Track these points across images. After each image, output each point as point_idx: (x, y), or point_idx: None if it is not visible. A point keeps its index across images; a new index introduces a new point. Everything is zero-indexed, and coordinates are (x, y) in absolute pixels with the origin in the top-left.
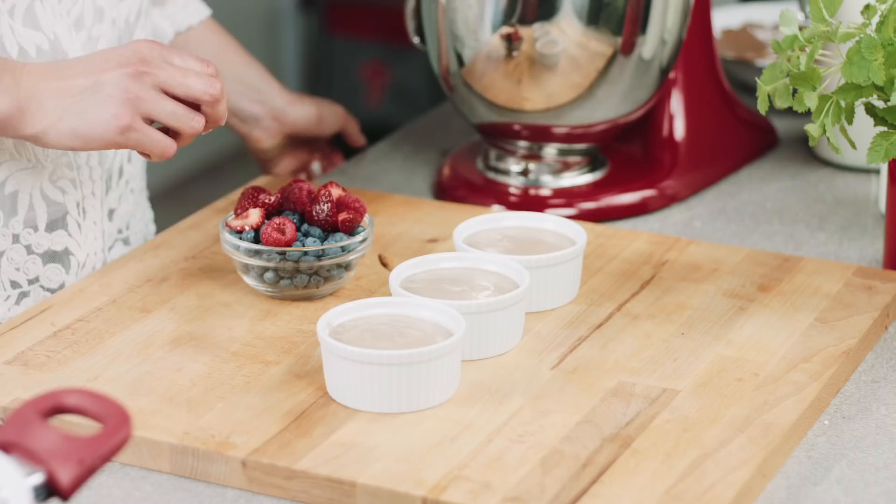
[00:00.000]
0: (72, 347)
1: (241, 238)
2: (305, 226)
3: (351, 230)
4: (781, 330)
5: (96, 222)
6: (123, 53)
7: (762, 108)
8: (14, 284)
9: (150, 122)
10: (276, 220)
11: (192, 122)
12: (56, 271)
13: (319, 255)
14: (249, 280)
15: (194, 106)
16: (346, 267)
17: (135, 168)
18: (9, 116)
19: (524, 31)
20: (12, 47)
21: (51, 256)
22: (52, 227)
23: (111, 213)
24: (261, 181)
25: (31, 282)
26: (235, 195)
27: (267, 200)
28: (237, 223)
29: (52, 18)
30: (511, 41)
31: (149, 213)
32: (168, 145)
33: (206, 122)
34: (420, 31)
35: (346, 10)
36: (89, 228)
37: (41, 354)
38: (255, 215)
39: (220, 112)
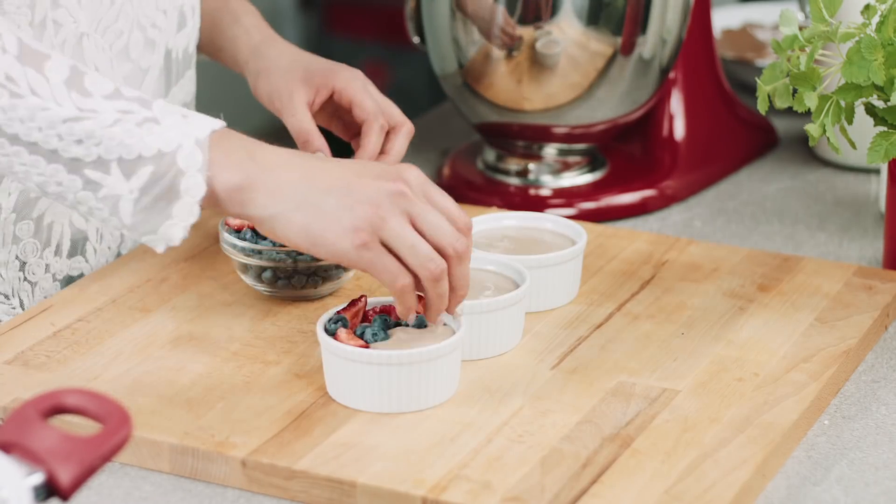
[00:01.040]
0: (72, 347)
1: (239, 237)
2: None
3: None
4: (781, 330)
5: (111, 247)
6: (385, 168)
7: (762, 108)
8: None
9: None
10: None
11: (430, 265)
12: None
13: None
14: (248, 279)
15: None
16: (345, 267)
17: None
18: (236, 190)
19: (524, 32)
20: None
21: (67, 281)
22: (72, 252)
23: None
24: None
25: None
26: None
27: None
28: (237, 221)
29: (95, 52)
30: (511, 41)
31: None
32: (401, 277)
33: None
34: (420, 31)
35: (346, 9)
36: (103, 252)
37: (41, 354)
38: None
39: (459, 274)
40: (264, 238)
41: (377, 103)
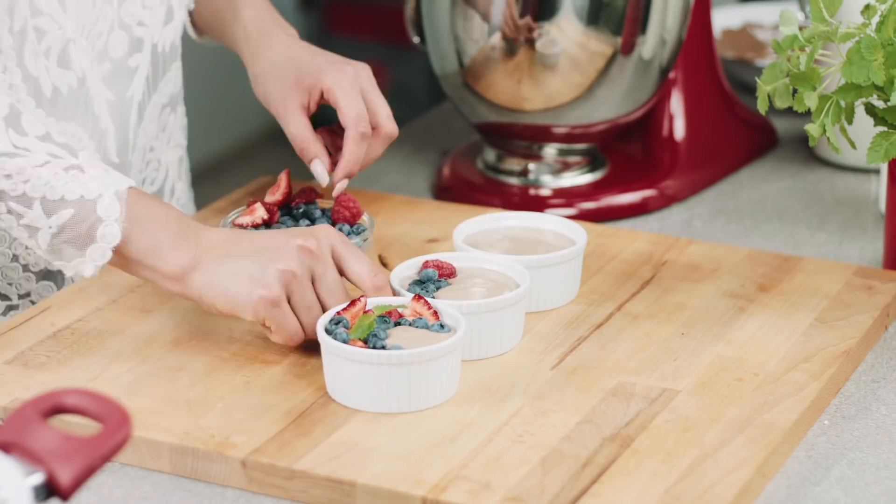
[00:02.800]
0: (72, 347)
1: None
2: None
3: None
4: (781, 330)
5: None
6: (304, 230)
7: (762, 108)
8: (3, 297)
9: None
10: (343, 197)
11: (310, 333)
12: (47, 288)
13: None
14: None
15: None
16: None
17: (185, 184)
18: (183, 272)
19: (524, 32)
20: (47, 88)
21: (44, 275)
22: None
23: None
24: (262, 181)
25: (21, 296)
26: (235, 195)
27: (271, 200)
28: (245, 219)
29: (80, 56)
30: (511, 41)
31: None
32: (297, 337)
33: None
34: (420, 31)
35: (346, 9)
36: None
37: (41, 354)
38: (261, 210)
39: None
40: None
41: (359, 106)
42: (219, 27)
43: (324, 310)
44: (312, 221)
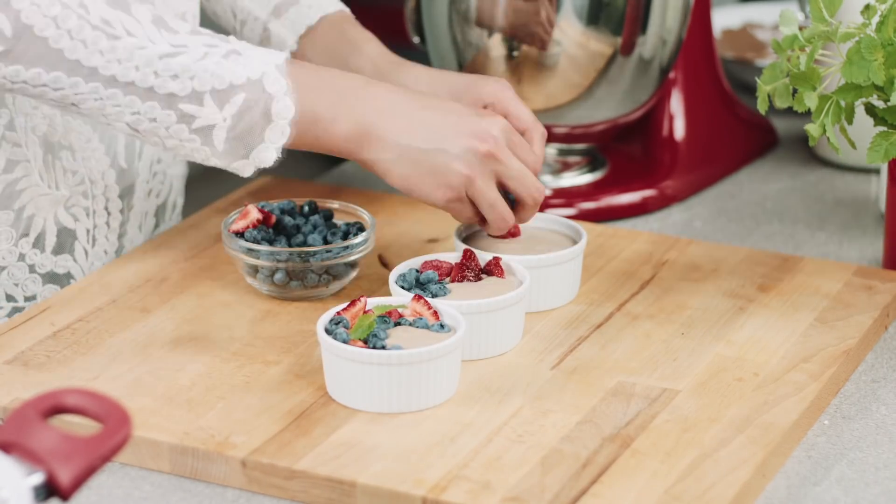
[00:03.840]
0: (72, 347)
1: (244, 238)
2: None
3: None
4: (781, 330)
5: (107, 251)
6: (478, 124)
7: (762, 108)
8: (10, 298)
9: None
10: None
11: (501, 224)
12: (53, 291)
13: (329, 252)
14: (256, 282)
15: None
16: (353, 265)
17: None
18: (350, 140)
19: (524, 31)
20: None
21: (51, 277)
22: (58, 250)
23: (130, 237)
24: (262, 181)
25: (27, 298)
26: (235, 195)
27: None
28: (241, 224)
29: None
30: (511, 41)
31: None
32: (474, 223)
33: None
34: (420, 31)
35: None
36: (97, 255)
37: (41, 354)
38: (254, 212)
39: (527, 216)
40: (270, 241)
41: (528, 110)
42: (335, 64)
43: (514, 198)
44: (314, 227)
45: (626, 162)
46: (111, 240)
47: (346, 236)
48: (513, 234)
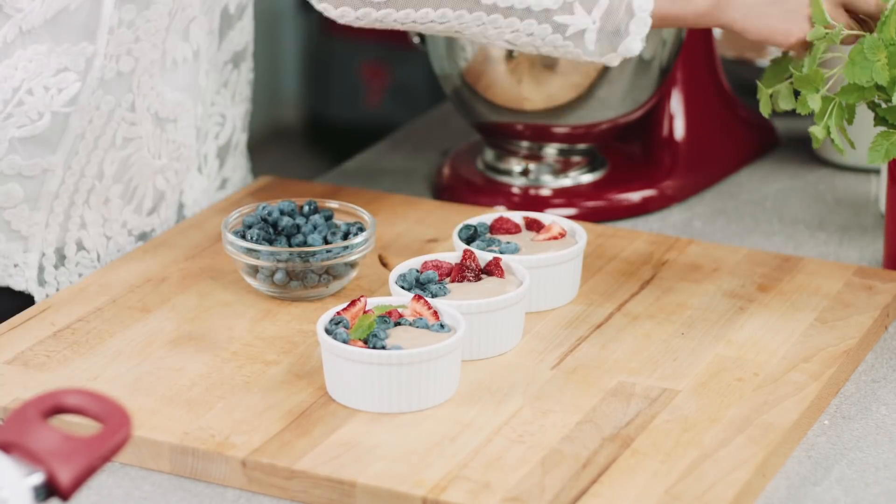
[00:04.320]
0: (72, 347)
1: (245, 239)
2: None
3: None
4: (781, 330)
5: (177, 202)
6: None
7: (765, 111)
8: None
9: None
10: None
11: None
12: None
13: (329, 252)
14: (256, 282)
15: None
16: (353, 265)
17: (245, 139)
18: (706, 14)
19: None
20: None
21: (140, 236)
22: (151, 211)
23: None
24: (262, 181)
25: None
26: (237, 195)
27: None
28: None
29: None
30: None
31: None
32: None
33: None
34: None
35: None
36: (170, 207)
37: (41, 354)
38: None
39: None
40: (270, 241)
41: None
42: None
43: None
44: (315, 227)
45: (626, 162)
46: (174, 197)
47: (346, 236)
48: None
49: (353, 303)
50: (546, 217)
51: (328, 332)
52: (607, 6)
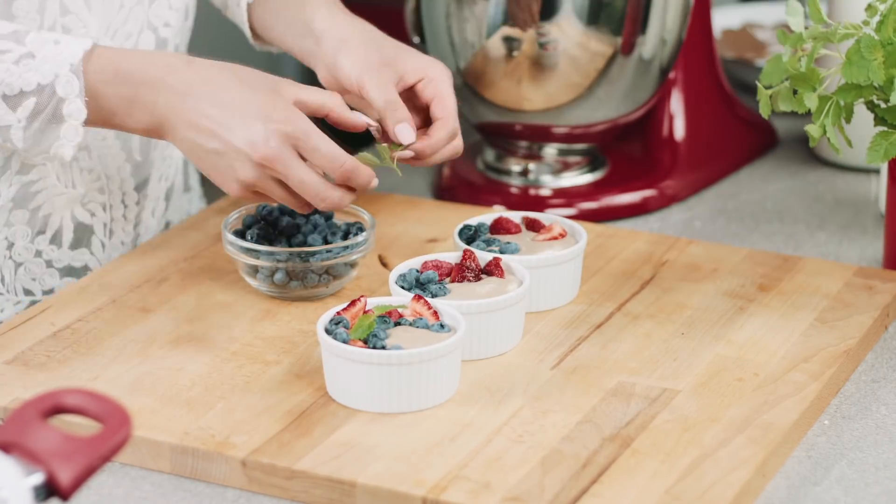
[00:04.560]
0: (72, 347)
1: (245, 239)
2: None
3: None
4: (781, 330)
5: (124, 242)
6: (258, 131)
7: (765, 112)
8: (27, 292)
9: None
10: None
11: (319, 202)
12: (70, 284)
13: (329, 252)
14: (255, 282)
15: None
16: (353, 265)
17: (196, 177)
18: (149, 131)
19: (524, 32)
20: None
21: (69, 271)
22: (76, 245)
23: (145, 226)
24: None
25: (45, 292)
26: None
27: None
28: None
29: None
30: (511, 41)
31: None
32: (290, 202)
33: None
34: (420, 31)
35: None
36: (114, 247)
37: (41, 354)
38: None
39: (335, 207)
40: (270, 241)
41: (454, 101)
42: (286, 13)
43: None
44: (314, 227)
45: (626, 162)
46: (127, 230)
47: (346, 236)
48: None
49: (353, 303)
50: (546, 217)
51: (328, 332)
52: (33, 108)
